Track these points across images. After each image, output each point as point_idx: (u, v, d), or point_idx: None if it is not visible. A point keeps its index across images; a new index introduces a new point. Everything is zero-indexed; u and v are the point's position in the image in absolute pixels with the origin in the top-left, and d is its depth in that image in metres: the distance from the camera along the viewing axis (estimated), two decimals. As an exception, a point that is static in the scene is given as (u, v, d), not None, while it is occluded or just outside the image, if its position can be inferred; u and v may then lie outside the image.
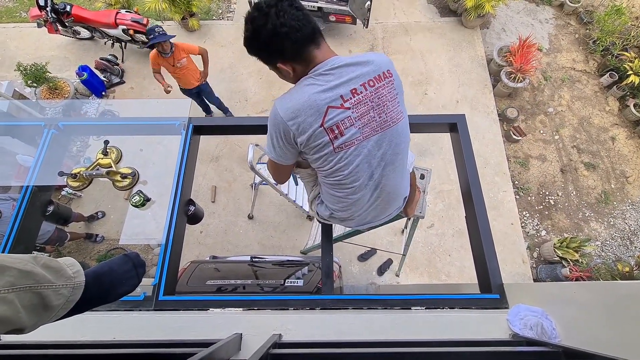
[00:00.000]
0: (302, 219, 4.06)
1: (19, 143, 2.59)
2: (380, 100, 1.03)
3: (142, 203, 1.77)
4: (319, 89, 0.98)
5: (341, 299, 1.27)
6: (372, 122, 1.03)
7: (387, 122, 1.05)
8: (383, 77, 1.04)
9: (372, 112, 1.02)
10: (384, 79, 1.04)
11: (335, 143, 1.02)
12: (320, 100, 0.97)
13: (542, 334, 1.00)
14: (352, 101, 0.99)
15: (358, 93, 1.00)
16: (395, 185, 1.21)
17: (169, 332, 1.12)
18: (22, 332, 0.57)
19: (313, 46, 1.00)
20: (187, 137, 1.62)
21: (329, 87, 0.98)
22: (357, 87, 1.00)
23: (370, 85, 1.01)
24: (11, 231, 1.42)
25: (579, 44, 5.38)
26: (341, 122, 1.00)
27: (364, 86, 1.00)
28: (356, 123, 1.01)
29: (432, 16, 5.56)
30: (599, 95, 4.99)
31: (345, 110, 0.99)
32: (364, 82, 1.01)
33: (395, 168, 1.15)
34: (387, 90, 1.04)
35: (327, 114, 0.98)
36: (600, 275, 3.69)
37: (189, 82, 3.75)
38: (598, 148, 4.64)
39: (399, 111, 1.09)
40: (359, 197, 1.18)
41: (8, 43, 5.23)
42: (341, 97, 0.98)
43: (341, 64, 1.00)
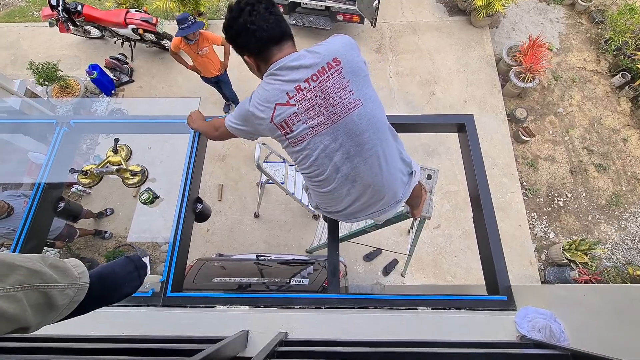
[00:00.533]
0: (308, 218, 4.06)
1: (30, 140, 2.65)
2: (325, 93, 1.02)
3: (150, 200, 1.79)
4: (270, 87, 1.05)
5: (347, 298, 1.27)
6: (319, 116, 1.03)
7: (335, 114, 1.03)
8: (328, 68, 1.02)
9: (318, 107, 1.03)
10: (328, 70, 1.02)
11: (288, 137, 1.08)
12: (271, 96, 1.04)
13: (551, 337, 0.99)
14: (296, 98, 1.02)
15: (302, 89, 1.02)
16: (375, 177, 1.14)
17: (177, 328, 1.13)
18: (27, 331, 0.58)
19: (275, 47, 1.07)
20: (195, 135, 1.63)
21: (277, 86, 1.04)
22: (300, 84, 1.02)
23: (313, 79, 1.01)
24: (23, 227, 1.45)
25: (591, 44, 5.29)
26: (288, 118, 1.04)
27: (307, 82, 1.02)
28: (302, 118, 1.04)
29: (441, 15, 5.51)
30: (610, 95, 4.90)
31: (290, 106, 1.03)
32: (307, 77, 1.02)
33: (366, 159, 1.09)
34: (332, 81, 1.02)
35: (275, 111, 1.04)
36: (610, 278, 3.63)
37: (208, 70, 3.80)
38: (609, 149, 4.56)
39: (353, 99, 1.03)
40: (334, 191, 1.17)
41: (21, 42, 5.33)
42: (287, 94, 1.02)
43: (289, 64, 1.03)
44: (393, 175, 1.19)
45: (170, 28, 5.20)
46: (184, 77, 4.99)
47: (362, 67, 1.07)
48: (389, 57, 5.15)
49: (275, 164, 3.56)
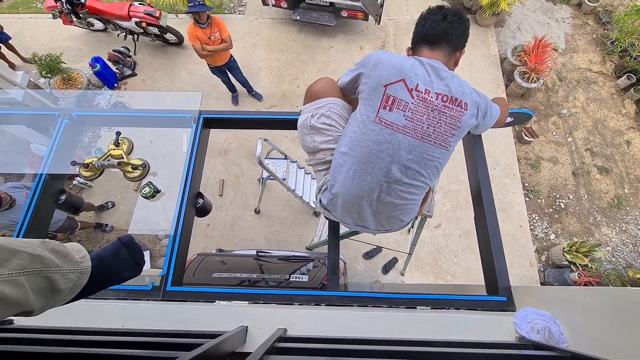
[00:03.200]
0: (309, 215, 4.06)
1: (32, 132, 2.65)
2: (439, 116, 1.05)
3: (152, 194, 1.79)
4: (410, 65, 1.05)
5: (346, 295, 1.27)
6: (419, 124, 1.05)
7: (430, 136, 1.06)
8: (458, 103, 1.06)
9: (425, 118, 1.04)
10: (456, 106, 1.06)
11: (381, 112, 1.06)
12: (404, 71, 1.04)
13: (550, 338, 0.99)
14: (419, 96, 1.03)
15: (430, 95, 1.04)
16: (406, 209, 1.20)
17: (176, 322, 1.13)
18: (31, 314, 0.59)
19: (427, 46, 1.16)
20: (197, 130, 1.63)
21: (416, 71, 1.05)
22: (431, 91, 1.04)
23: (443, 100, 1.05)
24: (25, 218, 1.45)
25: (596, 45, 5.25)
26: (399, 100, 1.03)
27: (438, 95, 1.04)
28: (407, 113, 1.04)
29: (446, 13, 5.46)
30: (615, 97, 4.87)
31: (409, 95, 1.03)
32: (440, 92, 1.04)
33: (409, 193, 1.14)
34: (451, 114, 1.06)
35: (396, 85, 1.03)
36: (610, 281, 3.62)
37: (219, 58, 3.82)
38: (612, 151, 4.53)
39: (447, 140, 1.08)
40: (367, 193, 1.15)
41: (24, 33, 5.32)
42: (417, 85, 1.03)
43: (436, 67, 1.08)
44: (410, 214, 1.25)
45: (174, 22, 5.18)
46: (186, 71, 4.98)
47: (470, 128, 1.14)
48: (393, 55, 5.12)
49: (276, 160, 3.56)
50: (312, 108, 1.23)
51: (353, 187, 1.15)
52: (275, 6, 4.91)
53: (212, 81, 4.87)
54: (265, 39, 5.23)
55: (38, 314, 0.60)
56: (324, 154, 1.26)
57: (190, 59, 5.07)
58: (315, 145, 1.24)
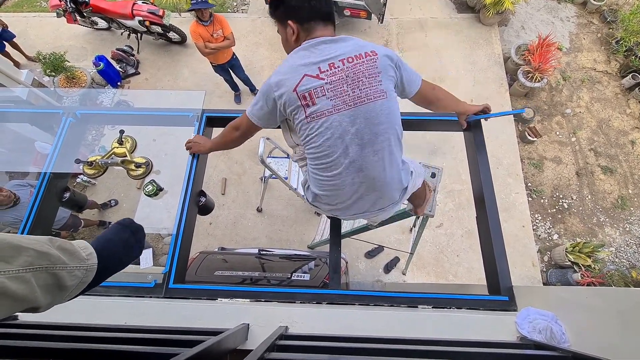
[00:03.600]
0: (311, 214, 4.07)
1: (37, 130, 2.67)
2: (356, 75, 1.05)
3: (154, 192, 1.80)
4: (302, 61, 1.06)
5: (348, 294, 1.27)
6: (344, 95, 1.05)
7: (360, 97, 1.05)
8: (364, 55, 1.07)
9: (345, 86, 1.05)
10: (364, 57, 1.07)
11: (307, 111, 1.06)
12: (301, 68, 1.05)
13: (551, 338, 0.99)
14: (327, 73, 1.04)
15: (335, 67, 1.05)
16: (381, 172, 1.13)
17: (178, 319, 1.14)
18: (37, 311, 0.59)
19: (321, 23, 1.12)
20: (200, 128, 1.64)
21: (310, 60, 1.05)
22: (335, 62, 1.05)
23: (349, 61, 1.06)
24: (29, 216, 1.46)
25: (601, 44, 5.21)
26: (313, 90, 1.04)
27: (342, 61, 1.05)
28: (328, 94, 1.04)
29: (449, 12, 5.45)
30: (619, 97, 4.83)
31: (319, 80, 1.04)
32: (343, 58, 1.06)
33: (376, 151, 1.10)
34: (365, 66, 1.06)
35: (302, 81, 1.04)
36: (613, 282, 3.61)
37: (222, 56, 3.82)
38: (616, 152, 4.50)
39: (379, 89, 1.07)
40: (338, 176, 1.12)
41: (28, 32, 5.35)
42: (319, 68, 1.04)
43: (328, 41, 1.08)
44: (394, 177, 1.19)
45: (177, 21, 5.19)
46: (189, 69, 4.99)
47: (392, 71, 1.13)
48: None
49: (279, 159, 3.56)
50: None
51: (328, 183, 1.16)
52: (278, 5, 4.90)
53: (215, 80, 4.88)
54: (268, 37, 5.23)
55: (44, 311, 0.61)
56: (301, 149, 1.25)
57: (193, 57, 5.08)
58: (292, 141, 1.27)
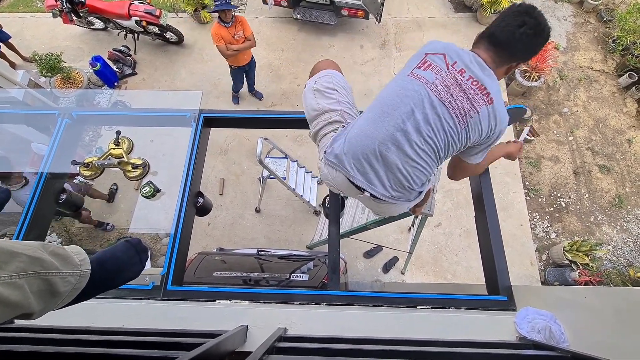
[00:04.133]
0: (309, 214, 4.06)
1: (33, 131, 2.65)
2: (464, 95, 1.06)
3: (152, 194, 1.79)
4: (457, 48, 1.13)
5: (347, 295, 1.27)
6: (445, 90, 1.07)
7: (451, 104, 1.07)
8: (485, 93, 1.07)
9: (452, 89, 1.07)
10: (483, 94, 1.07)
11: (414, 70, 1.12)
12: (449, 49, 1.12)
13: (550, 338, 0.99)
14: (453, 71, 1.08)
15: (461, 75, 1.08)
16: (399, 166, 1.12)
17: (176, 321, 1.13)
18: (31, 317, 0.58)
19: (484, 45, 1.14)
20: (197, 129, 1.63)
21: (459, 55, 1.10)
22: (466, 71, 1.08)
23: (473, 84, 1.07)
24: (25, 217, 1.45)
25: (598, 43, 5.23)
26: (434, 65, 1.10)
27: (470, 78, 1.07)
28: (437, 76, 1.08)
29: (447, 12, 5.46)
30: (616, 96, 4.85)
31: (445, 66, 1.09)
32: (473, 76, 1.07)
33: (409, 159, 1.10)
34: (475, 97, 1.06)
35: (436, 55, 1.12)
36: (610, 280, 3.62)
37: (242, 57, 3.83)
38: (613, 150, 4.52)
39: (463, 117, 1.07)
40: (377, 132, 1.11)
41: (24, 32, 5.31)
42: (455, 62, 1.09)
43: (481, 62, 1.10)
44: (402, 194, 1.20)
45: (174, 21, 5.17)
46: (187, 70, 4.98)
47: (479, 126, 1.12)
48: (394, 54, 5.11)
49: (277, 159, 3.56)
50: (316, 77, 1.32)
51: (370, 130, 1.13)
52: (276, 5, 4.90)
53: (212, 80, 4.87)
54: (266, 37, 5.22)
55: (38, 317, 0.60)
56: (330, 114, 1.27)
57: (191, 57, 5.06)
58: (321, 106, 1.27)
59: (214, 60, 5.03)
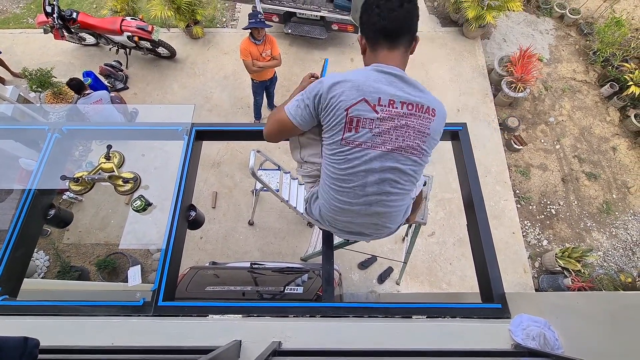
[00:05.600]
0: (303, 226, 4.04)
1: (21, 147, 2.62)
2: (407, 125, 1.03)
3: (143, 208, 1.76)
4: (372, 81, 1.01)
5: (342, 306, 1.26)
6: (387, 137, 1.03)
7: (401, 147, 1.05)
8: (425, 110, 1.04)
9: (392, 130, 1.02)
10: (423, 112, 1.04)
11: (346, 135, 1.03)
12: (363, 89, 1.00)
13: (545, 345, 0.99)
14: (384, 109, 1.01)
15: (394, 107, 1.01)
16: (389, 209, 1.18)
17: (168, 338, 1.11)
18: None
19: (386, 43, 1.05)
20: (189, 142, 1.63)
21: (377, 86, 1.00)
22: (396, 102, 1.01)
23: (409, 108, 1.02)
24: (12, 234, 1.42)
25: (579, 55, 5.43)
26: (363, 119, 1.01)
27: (402, 104, 1.01)
28: (374, 130, 1.02)
29: (434, 26, 5.62)
30: (599, 105, 5.01)
31: (373, 112, 1.00)
32: (405, 102, 1.01)
33: (391, 194, 1.13)
34: (419, 122, 1.04)
35: (358, 105, 1.00)
36: (602, 285, 3.65)
37: (265, 73, 3.91)
38: (599, 158, 4.64)
39: (419, 148, 1.07)
40: (348, 207, 1.17)
41: (15, 48, 5.30)
42: (379, 99, 1.00)
43: (401, 78, 1.04)
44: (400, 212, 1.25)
45: (166, 36, 5.22)
46: (179, 84, 5.00)
47: (439, 136, 1.13)
48: (383, 66, 5.21)
49: (270, 171, 3.55)
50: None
51: (336, 205, 1.19)
52: (266, 20, 4.98)
53: (204, 94, 4.89)
54: (258, 52, 5.29)
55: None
56: (309, 166, 1.30)
57: (183, 72, 5.09)
58: (300, 158, 1.30)
59: (205, 74, 5.07)
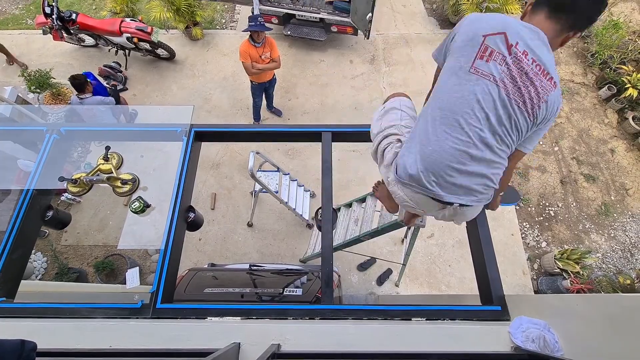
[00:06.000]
0: (302, 227, 4.04)
1: (20, 148, 2.61)
2: (530, 83, 0.99)
3: (141, 209, 1.76)
4: (515, 23, 1.01)
5: (341, 309, 1.25)
6: (513, 84, 0.99)
7: (517, 97, 1.00)
8: (549, 78, 1.01)
9: (518, 79, 0.99)
10: (547, 79, 1.01)
11: (476, 63, 1.00)
12: (508, 25, 0.99)
13: (545, 347, 0.99)
14: (516, 55, 0.98)
15: (525, 58, 0.98)
16: (483, 172, 1.07)
17: (166, 340, 1.10)
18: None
19: (546, 13, 1.02)
20: (188, 143, 1.63)
21: (519, 32, 0.99)
22: (529, 54, 0.99)
23: (537, 68, 0.99)
24: (9, 235, 1.41)
25: (578, 57, 5.45)
26: (497, 52, 0.98)
27: (534, 61, 0.99)
28: (503, 68, 0.99)
29: (433, 28, 5.64)
30: (597, 107, 5.02)
31: (507, 50, 0.98)
32: (536, 59, 0.99)
33: (489, 158, 1.05)
34: (542, 84, 1.00)
35: (496, 37, 0.98)
36: (601, 287, 3.66)
37: (264, 75, 3.91)
38: (597, 160, 4.65)
39: (533, 110, 1.02)
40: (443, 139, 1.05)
41: (13, 49, 5.28)
42: (517, 43, 0.98)
43: (541, 36, 1.01)
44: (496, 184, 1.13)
45: (165, 37, 5.22)
46: (178, 85, 5.00)
47: (543, 115, 1.06)
48: (383, 68, 5.23)
49: (269, 172, 3.56)
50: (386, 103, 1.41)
51: (446, 143, 1.05)
52: (266, 22, 4.99)
53: (203, 95, 4.89)
54: (257, 53, 5.29)
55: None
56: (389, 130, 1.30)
57: (182, 73, 5.09)
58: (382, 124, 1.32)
59: (204, 75, 5.07)
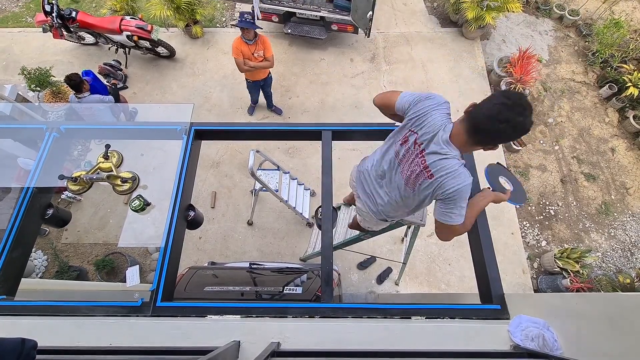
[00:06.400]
0: (302, 226, 4.04)
1: (20, 146, 2.61)
2: (413, 167, 1.37)
3: (141, 207, 1.76)
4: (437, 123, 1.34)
5: (341, 307, 1.25)
6: (405, 163, 1.42)
7: (405, 173, 1.43)
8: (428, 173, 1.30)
9: (409, 157, 1.39)
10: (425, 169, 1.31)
11: (398, 145, 1.44)
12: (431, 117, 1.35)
13: (544, 346, 0.99)
14: (417, 145, 1.34)
15: (422, 151, 1.33)
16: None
17: (167, 338, 1.10)
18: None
19: (470, 130, 1.24)
20: (188, 142, 1.63)
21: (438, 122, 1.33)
22: (426, 149, 1.31)
23: (420, 155, 1.33)
24: (10, 233, 1.41)
25: (578, 56, 5.43)
26: (408, 141, 1.38)
27: (421, 149, 1.33)
28: (406, 154, 1.40)
29: (433, 27, 5.62)
30: (598, 106, 5.01)
31: (413, 143, 1.37)
32: (427, 153, 1.31)
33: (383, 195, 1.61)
34: (417, 169, 1.34)
35: (409, 135, 1.40)
36: (601, 286, 3.66)
37: (257, 74, 3.89)
38: (598, 159, 4.64)
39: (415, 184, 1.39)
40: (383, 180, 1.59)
41: (13, 47, 5.28)
42: (420, 142, 1.33)
43: (445, 142, 1.28)
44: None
45: (165, 35, 5.21)
46: (178, 84, 4.99)
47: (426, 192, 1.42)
48: (383, 67, 5.21)
49: (269, 171, 3.55)
50: None
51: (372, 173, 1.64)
52: (266, 20, 4.98)
53: (203, 93, 4.89)
54: (257, 51, 5.28)
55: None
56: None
57: (182, 71, 5.09)
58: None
59: (204, 74, 5.07)
